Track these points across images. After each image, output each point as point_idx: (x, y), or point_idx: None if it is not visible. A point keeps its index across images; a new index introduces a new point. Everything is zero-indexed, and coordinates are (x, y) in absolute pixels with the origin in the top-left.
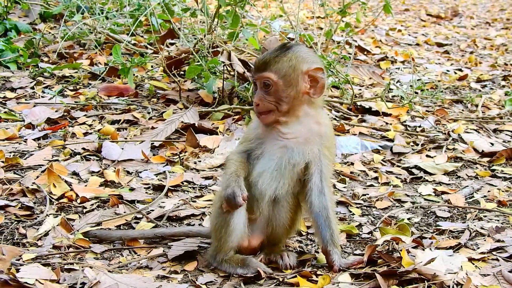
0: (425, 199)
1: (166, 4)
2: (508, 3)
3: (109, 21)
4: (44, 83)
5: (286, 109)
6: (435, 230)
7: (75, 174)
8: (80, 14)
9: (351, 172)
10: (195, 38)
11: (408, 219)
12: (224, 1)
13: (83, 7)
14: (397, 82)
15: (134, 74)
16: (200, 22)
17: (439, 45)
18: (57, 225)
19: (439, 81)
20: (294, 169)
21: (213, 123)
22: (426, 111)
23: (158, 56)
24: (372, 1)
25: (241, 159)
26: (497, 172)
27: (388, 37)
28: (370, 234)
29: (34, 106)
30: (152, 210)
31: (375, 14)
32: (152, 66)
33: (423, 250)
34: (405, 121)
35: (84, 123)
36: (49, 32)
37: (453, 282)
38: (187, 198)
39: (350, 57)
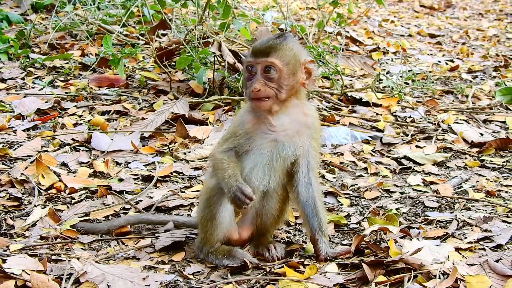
0: (414, 190)
1: None
2: None
3: (100, 12)
4: (34, 74)
5: (283, 98)
6: (423, 220)
7: (64, 165)
8: (72, 5)
9: (341, 163)
10: (187, 29)
11: (397, 209)
12: None
13: None
14: (387, 73)
15: (125, 65)
16: (192, 12)
17: (432, 36)
18: (45, 216)
19: (430, 72)
20: (285, 163)
21: (203, 114)
22: (417, 101)
23: (149, 47)
24: None
25: (233, 159)
26: (486, 163)
27: (381, 28)
28: (358, 225)
29: (24, 96)
30: (141, 201)
31: (368, 5)
32: (143, 57)
33: (411, 240)
34: (395, 112)
35: (74, 114)
36: (41, 23)
37: (439, 271)
38: (176, 189)
39: (340, 47)
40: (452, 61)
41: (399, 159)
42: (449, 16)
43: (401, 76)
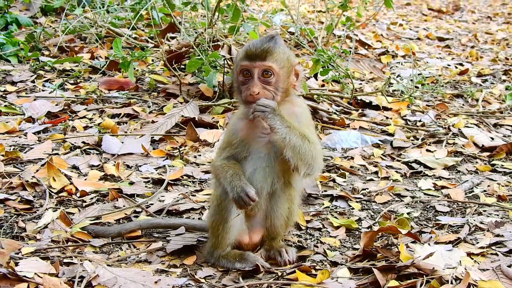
0: (424, 194)
1: None
2: None
3: (110, 15)
4: (44, 77)
5: (278, 100)
6: (434, 225)
7: (75, 168)
8: (81, 8)
9: (351, 167)
10: (196, 32)
11: (408, 213)
12: None
13: (84, 1)
14: (397, 77)
15: (134, 68)
16: (201, 16)
17: (440, 39)
18: (56, 219)
19: (439, 75)
20: (283, 159)
21: (213, 117)
22: (427, 105)
23: (159, 50)
24: None
25: (233, 162)
26: (497, 167)
27: (389, 32)
28: (370, 229)
29: (35, 99)
30: (152, 204)
31: (377, 8)
32: (152, 60)
33: (422, 244)
34: (405, 116)
35: (84, 117)
36: (50, 26)
37: (451, 277)
38: (186, 192)
39: (350, 51)
40: (461, 64)
41: (409, 163)
42: (457, 19)
43: (411, 80)
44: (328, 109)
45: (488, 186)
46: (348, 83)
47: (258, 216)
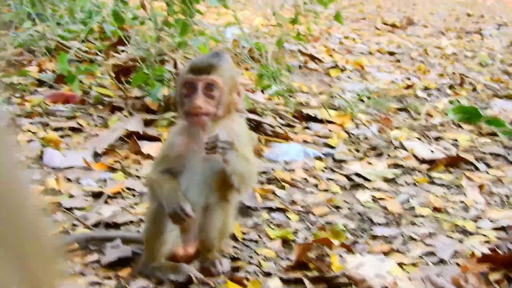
0: (362, 206)
1: (115, 11)
2: (464, 13)
3: (60, 27)
4: None
5: (220, 116)
6: (369, 236)
7: None
8: (31, 20)
9: (292, 179)
10: (145, 46)
11: (344, 225)
12: (172, 10)
13: (33, 14)
14: (343, 91)
15: (81, 81)
16: (151, 29)
17: (391, 53)
18: None
19: (386, 89)
20: (219, 176)
21: (158, 130)
22: (371, 119)
23: (108, 63)
24: (329, 8)
25: (168, 176)
26: (435, 179)
27: (341, 46)
28: (305, 240)
29: None
30: (90, 217)
31: (329, 22)
32: (102, 73)
33: (354, 254)
34: (348, 129)
35: (28, 131)
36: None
37: (381, 286)
38: (126, 205)
39: (297, 66)
40: (409, 79)
41: (349, 176)
42: (409, 34)
43: (358, 94)
44: (272, 123)
45: (425, 197)
46: (291, 97)
47: (192, 229)
